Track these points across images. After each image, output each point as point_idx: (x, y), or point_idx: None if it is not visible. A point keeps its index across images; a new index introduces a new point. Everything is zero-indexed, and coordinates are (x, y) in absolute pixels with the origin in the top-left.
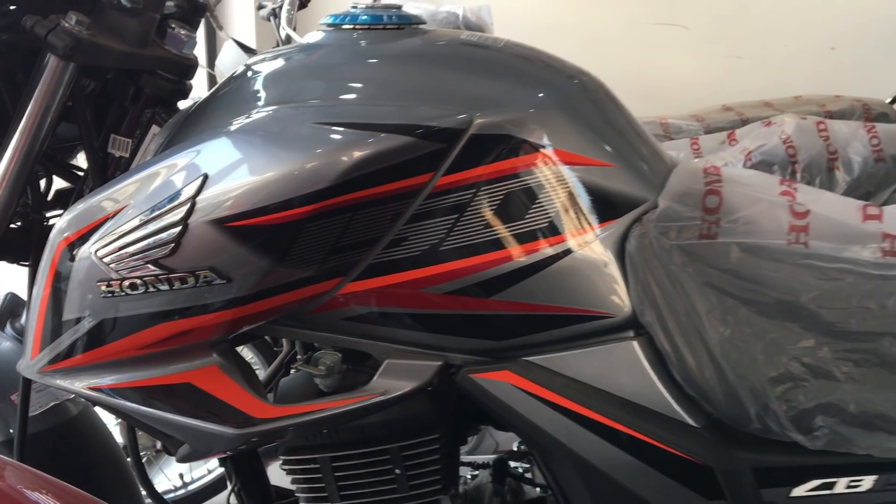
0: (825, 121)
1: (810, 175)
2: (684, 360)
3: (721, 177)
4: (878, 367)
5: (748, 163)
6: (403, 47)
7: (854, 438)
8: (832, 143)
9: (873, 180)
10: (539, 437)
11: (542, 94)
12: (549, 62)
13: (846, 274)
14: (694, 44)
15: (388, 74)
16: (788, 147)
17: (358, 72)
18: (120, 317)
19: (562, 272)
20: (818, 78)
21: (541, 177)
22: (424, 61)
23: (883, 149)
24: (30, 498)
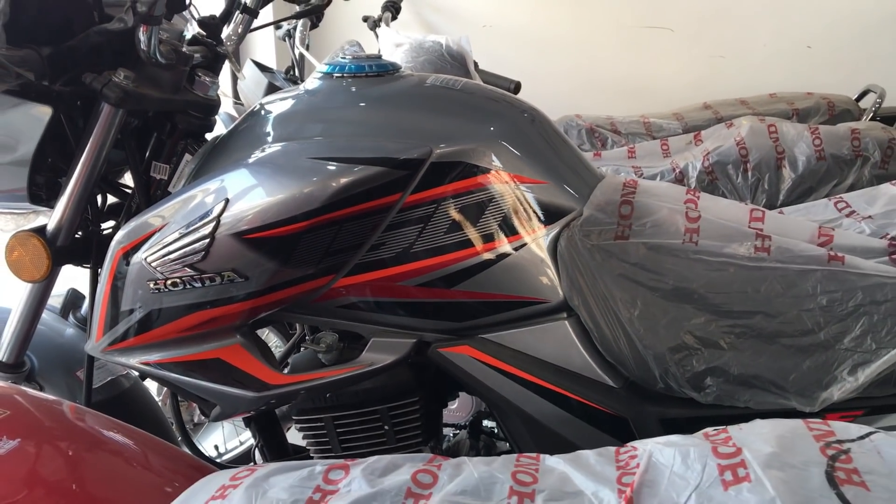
0: (776, 123)
1: (759, 172)
2: (604, 334)
3: (636, 189)
4: (753, 339)
5: (706, 162)
6: (379, 92)
7: (735, 394)
8: (780, 144)
9: (815, 177)
10: (494, 397)
11: (490, 127)
12: (498, 99)
13: (728, 266)
14: (679, 45)
15: (366, 115)
16: (741, 148)
17: (343, 114)
18: (164, 307)
19: (508, 267)
20: (795, 75)
21: (489, 193)
22: (395, 103)
23: (824, 148)
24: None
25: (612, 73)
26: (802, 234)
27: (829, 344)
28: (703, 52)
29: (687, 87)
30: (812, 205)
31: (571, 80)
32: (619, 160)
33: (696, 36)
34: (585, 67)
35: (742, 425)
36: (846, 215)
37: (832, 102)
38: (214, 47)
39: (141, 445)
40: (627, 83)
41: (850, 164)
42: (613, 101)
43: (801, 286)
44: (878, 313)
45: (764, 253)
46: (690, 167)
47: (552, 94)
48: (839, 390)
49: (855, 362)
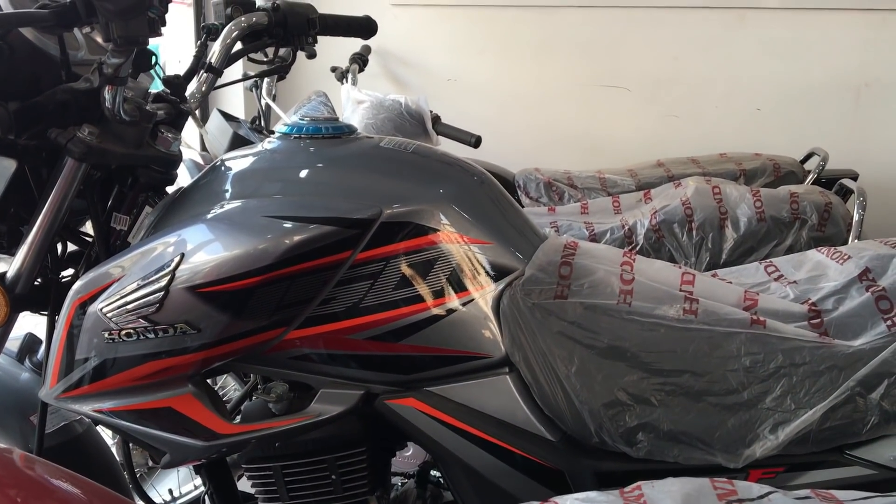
0: (720, 185)
1: (703, 232)
2: (543, 389)
3: (576, 251)
4: (681, 396)
5: (654, 220)
6: (334, 153)
7: (665, 449)
8: (724, 205)
9: (756, 237)
10: (437, 449)
11: (439, 189)
12: (448, 162)
13: (658, 326)
14: (635, 104)
15: (321, 176)
16: (687, 208)
17: (298, 174)
18: (118, 357)
19: (454, 322)
20: (745, 135)
21: (437, 252)
22: (349, 164)
23: (765, 210)
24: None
25: (571, 129)
26: (730, 297)
27: (752, 403)
28: (658, 111)
29: (642, 144)
30: (744, 268)
31: (532, 134)
32: (573, 216)
33: (651, 96)
34: (546, 122)
35: (654, 482)
36: (774, 279)
37: (778, 164)
38: (178, 104)
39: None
40: (585, 139)
41: (788, 226)
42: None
43: (726, 347)
44: (796, 374)
45: (692, 315)
46: (639, 224)
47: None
48: (761, 447)
49: (776, 421)
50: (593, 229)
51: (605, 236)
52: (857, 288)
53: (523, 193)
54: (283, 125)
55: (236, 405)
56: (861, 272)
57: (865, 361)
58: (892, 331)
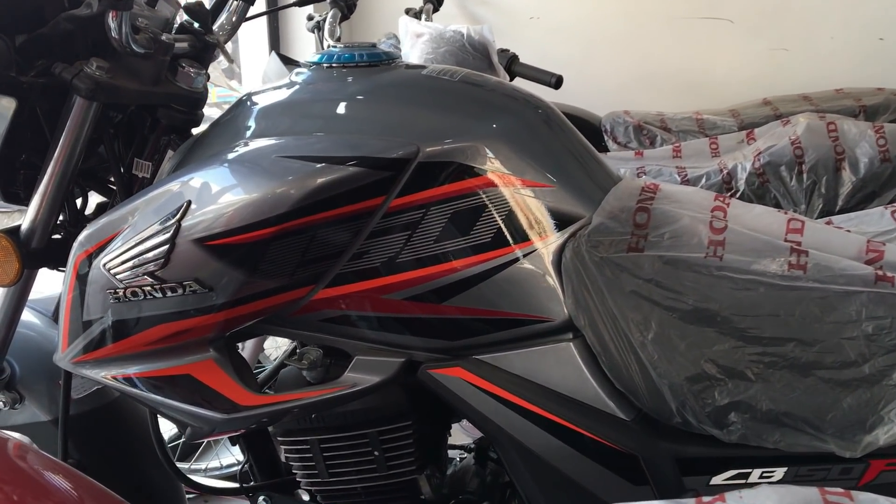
0: (836, 120)
1: (816, 175)
2: (614, 360)
3: (655, 194)
4: (785, 370)
5: (757, 162)
6: (368, 84)
7: (764, 433)
8: (840, 144)
9: (878, 180)
10: (487, 426)
11: (488, 124)
12: (499, 93)
13: (757, 284)
14: (737, 37)
15: (350, 110)
16: (796, 148)
17: (323, 108)
18: (128, 318)
19: (505, 281)
20: (865, 69)
21: (484, 198)
22: (383, 97)
23: (889, 149)
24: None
25: (664, 68)
26: (848, 248)
27: (875, 379)
28: (765, 45)
29: (745, 83)
30: (865, 213)
31: (621, 74)
32: (663, 160)
33: (756, 28)
34: (636, 62)
35: (743, 492)
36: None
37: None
38: (202, 36)
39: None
40: (681, 78)
41: None
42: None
43: (843, 310)
44: None
45: (799, 271)
46: (739, 168)
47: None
48: (886, 433)
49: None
50: (686, 174)
51: (699, 182)
52: None
53: (610, 138)
54: (318, 54)
55: (273, 373)
56: None
57: None
58: None
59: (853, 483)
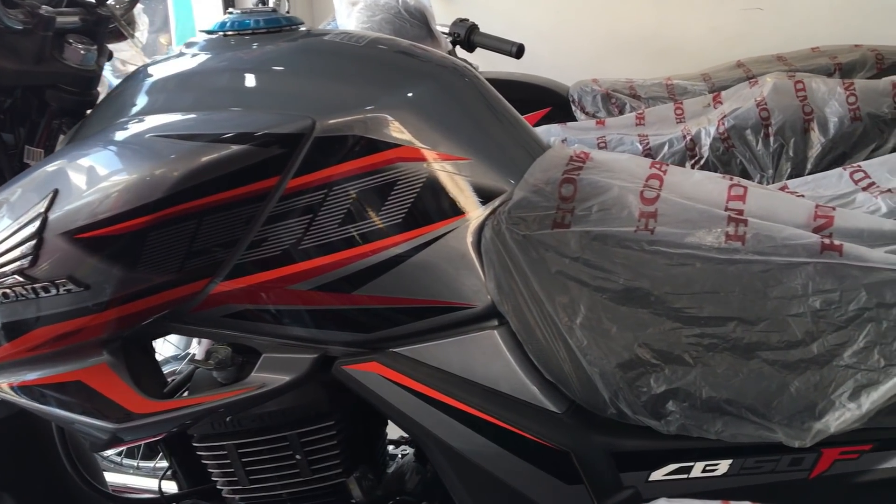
0: (805, 79)
1: (783, 137)
2: (541, 347)
3: (584, 163)
4: (726, 352)
5: (721, 127)
6: (261, 53)
7: (705, 423)
8: (809, 103)
9: (849, 140)
10: (408, 425)
11: (392, 93)
12: (411, 58)
13: (692, 259)
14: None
15: (240, 82)
16: (762, 109)
17: (212, 81)
18: (7, 321)
19: (421, 265)
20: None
21: (393, 174)
22: (277, 66)
23: (860, 107)
24: None
25: (637, 33)
26: (795, 215)
27: (825, 359)
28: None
29: (720, 45)
30: (823, 176)
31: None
32: (625, 128)
33: None
34: (608, 28)
35: None
36: (863, 188)
37: (881, 55)
38: (94, 8)
39: None
40: (654, 43)
41: (891, 124)
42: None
43: (788, 284)
44: (887, 319)
45: (737, 242)
46: (703, 133)
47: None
48: (837, 420)
49: (858, 383)
50: (648, 142)
51: (661, 150)
52: None
53: (578, 108)
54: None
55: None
56: None
57: None
58: None
59: (805, 474)
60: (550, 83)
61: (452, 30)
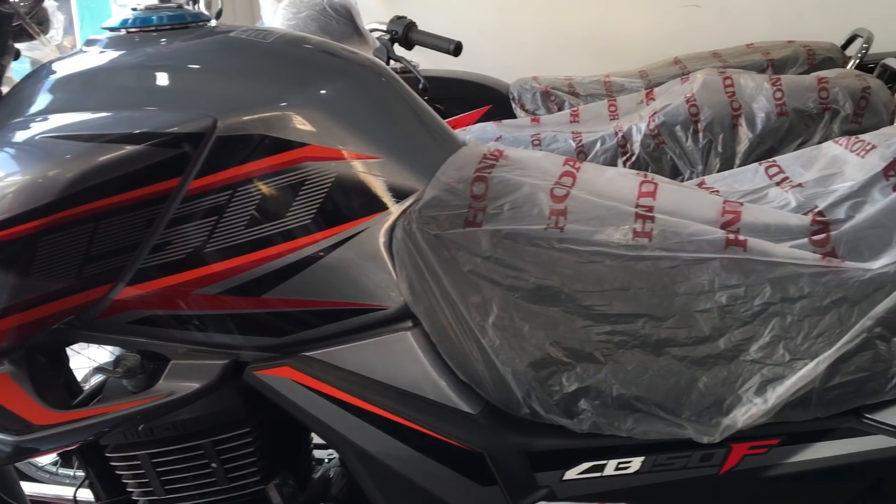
0: (733, 75)
1: (712, 133)
2: (455, 348)
3: (497, 161)
4: (636, 349)
5: (652, 123)
6: (163, 50)
7: (616, 420)
8: (737, 99)
9: (776, 135)
10: (322, 430)
11: (299, 90)
12: (320, 55)
13: (602, 256)
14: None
15: (139, 80)
16: (691, 106)
17: (110, 79)
18: None
19: (331, 267)
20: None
21: (300, 174)
22: (179, 64)
23: (786, 102)
24: None
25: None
26: (704, 211)
27: (732, 354)
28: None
29: (659, 42)
30: (739, 171)
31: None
32: (560, 125)
33: None
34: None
35: None
36: (777, 182)
37: (813, 50)
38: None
39: None
40: (595, 41)
41: (816, 118)
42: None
43: (695, 280)
44: (792, 313)
45: (644, 239)
46: (635, 130)
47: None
48: (745, 415)
49: (764, 378)
50: (581, 139)
51: (594, 147)
52: (880, 188)
53: (518, 106)
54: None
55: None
56: (887, 165)
57: (888, 291)
58: None
59: (715, 469)
60: (491, 81)
61: (390, 27)
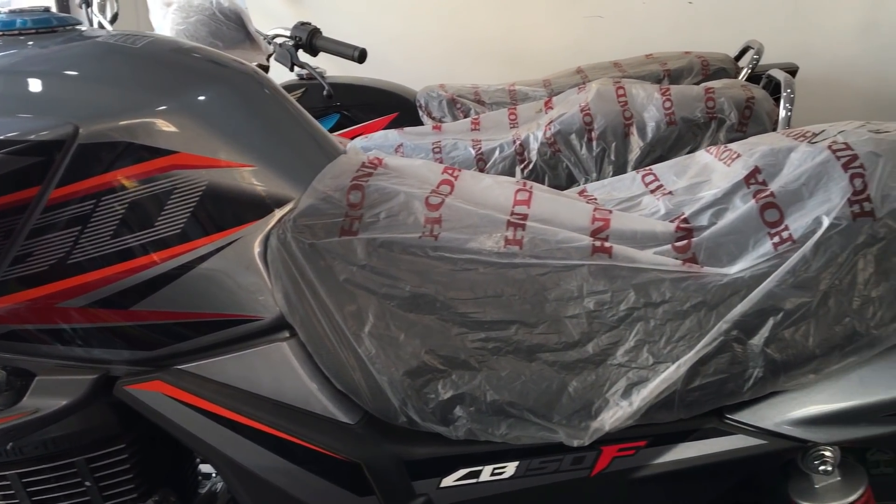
0: (626, 85)
1: (605, 142)
2: (331, 358)
3: (375, 169)
4: (510, 355)
5: (548, 132)
6: (25, 55)
7: (490, 427)
8: (629, 108)
9: (665, 144)
10: (197, 445)
11: (168, 97)
12: (192, 60)
13: (475, 264)
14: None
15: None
16: (586, 115)
17: None
18: None
19: (202, 278)
20: (677, 34)
21: (168, 183)
22: (40, 69)
23: (675, 112)
24: None
25: (486, 40)
26: (575, 218)
27: (600, 359)
28: (581, 12)
29: (565, 51)
30: (618, 179)
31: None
32: (460, 133)
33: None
34: (458, 34)
35: None
36: (651, 191)
37: (707, 61)
38: None
39: None
40: (503, 49)
41: (703, 127)
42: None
43: (565, 286)
44: (654, 317)
45: (515, 246)
46: (532, 139)
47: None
48: (612, 418)
49: (629, 381)
50: (481, 147)
51: (493, 154)
52: (741, 195)
53: (425, 113)
54: None
55: None
56: (748, 174)
57: (743, 295)
58: (779, 250)
59: (586, 472)
60: (399, 88)
61: (294, 33)
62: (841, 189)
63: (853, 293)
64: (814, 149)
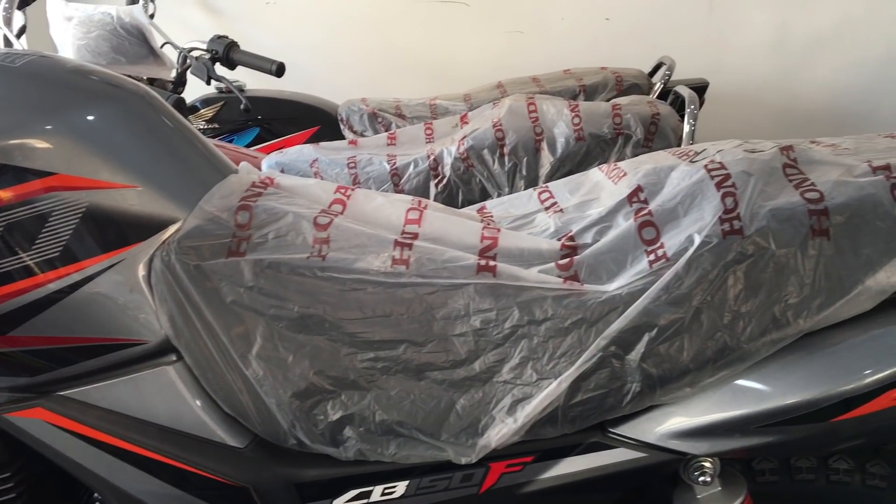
0: (537, 101)
1: (517, 157)
2: (220, 381)
3: (264, 190)
4: (399, 374)
5: (461, 147)
6: None
7: (380, 446)
8: (539, 124)
9: (574, 159)
10: (82, 473)
11: (46, 117)
12: (73, 79)
13: (363, 284)
14: (476, 20)
15: None
16: (497, 130)
17: None
18: None
19: (83, 302)
20: (595, 49)
21: (46, 205)
22: None
23: (583, 127)
24: None
25: (408, 53)
26: (465, 236)
27: (486, 376)
28: (501, 27)
29: (486, 65)
30: (516, 196)
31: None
32: (376, 148)
33: (492, 10)
34: (380, 47)
35: None
36: (546, 208)
37: (621, 77)
38: None
39: None
40: (426, 63)
41: (611, 143)
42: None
43: (452, 305)
44: (538, 335)
45: (402, 266)
46: (446, 154)
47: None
48: (498, 434)
49: (514, 398)
50: (396, 162)
51: (407, 169)
52: (624, 213)
53: (346, 127)
54: None
55: None
56: (631, 192)
57: (621, 312)
58: (654, 268)
59: (476, 489)
60: (320, 101)
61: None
62: (713, 207)
63: (724, 309)
64: (691, 168)
